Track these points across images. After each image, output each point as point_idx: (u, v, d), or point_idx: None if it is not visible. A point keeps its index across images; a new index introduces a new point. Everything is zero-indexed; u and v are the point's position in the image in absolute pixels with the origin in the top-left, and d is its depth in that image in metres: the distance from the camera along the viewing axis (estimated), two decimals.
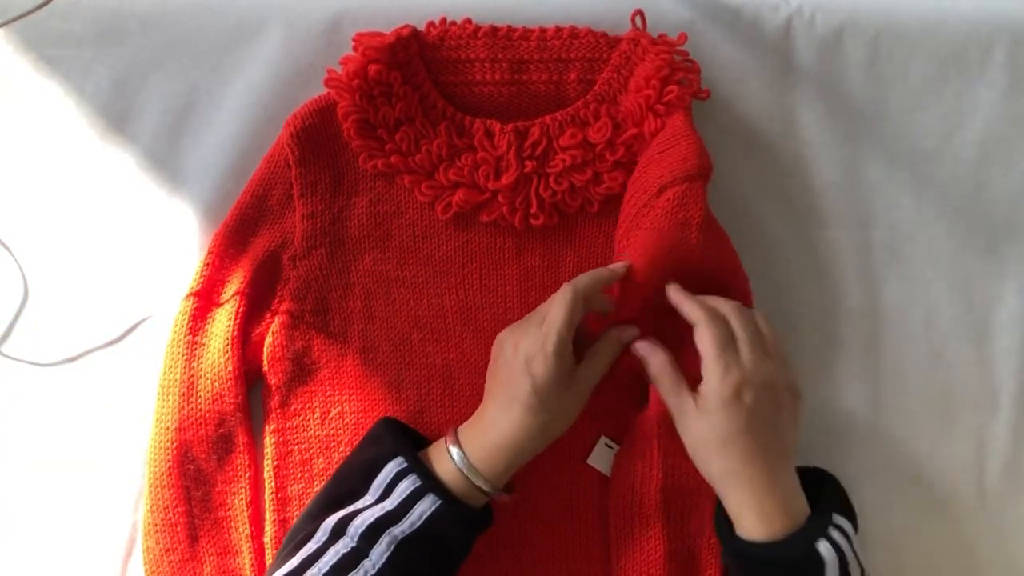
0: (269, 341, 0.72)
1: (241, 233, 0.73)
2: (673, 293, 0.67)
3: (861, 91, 0.76)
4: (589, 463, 0.72)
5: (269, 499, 0.72)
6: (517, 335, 0.65)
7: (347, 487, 0.65)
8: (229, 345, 0.71)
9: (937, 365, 0.77)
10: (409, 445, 0.65)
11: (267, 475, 0.72)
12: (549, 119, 0.72)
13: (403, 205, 0.73)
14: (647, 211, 0.68)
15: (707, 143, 0.69)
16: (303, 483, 0.72)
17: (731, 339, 0.64)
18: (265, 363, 0.72)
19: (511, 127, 0.71)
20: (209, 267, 0.72)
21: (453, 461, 0.64)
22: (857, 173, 0.77)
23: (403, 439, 0.66)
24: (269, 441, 0.72)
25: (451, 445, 0.65)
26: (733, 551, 0.65)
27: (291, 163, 0.71)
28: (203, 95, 0.74)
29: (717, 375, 0.63)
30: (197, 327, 0.72)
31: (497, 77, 0.72)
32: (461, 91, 0.72)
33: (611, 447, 0.72)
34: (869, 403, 0.77)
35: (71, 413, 0.74)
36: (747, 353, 0.64)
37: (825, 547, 0.61)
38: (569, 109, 0.72)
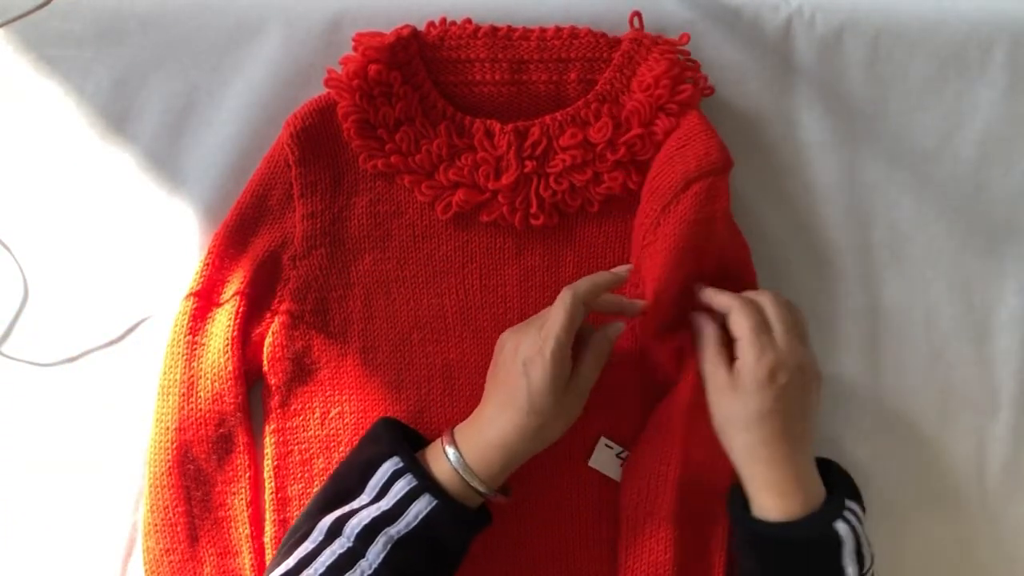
0: (269, 341, 0.72)
1: (241, 233, 0.73)
2: (704, 295, 0.69)
3: (861, 91, 0.76)
4: (591, 465, 0.72)
5: (269, 499, 0.72)
6: (518, 337, 0.66)
7: (345, 486, 0.65)
8: (229, 345, 0.71)
9: (937, 365, 0.77)
10: (405, 445, 0.65)
11: (267, 475, 0.72)
12: (549, 119, 0.72)
13: (403, 205, 0.73)
14: (674, 205, 0.68)
15: None
16: (303, 483, 0.72)
17: (765, 323, 0.66)
18: (265, 363, 0.72)
19: (511, 127, 0.71)
20: (209, 267, 0.72)
21: (449, 461, 0.64)
22: (857, 173, 0.77)
23: (400, 439, 0.66)
24: (269, 441, 0.72)
25: (447, 445, 0.65)
26: (749, 531, 0.65)
27: (291, 163, 0.71)
28: (203, 95, 0.74)
29: (754, 355, 0.64)
30: (197, 327, 0.72)
31: (497, 77, 0.72)
32: (461, 91, 0.72)
33: (611, 448, 0.72)
34: (869, 403, 0.77)
35: (71, 413, 0.74)
36: (781, 336, 0.65)
37: (842, 526, 0.63)
38: (569, 109, 0.72)
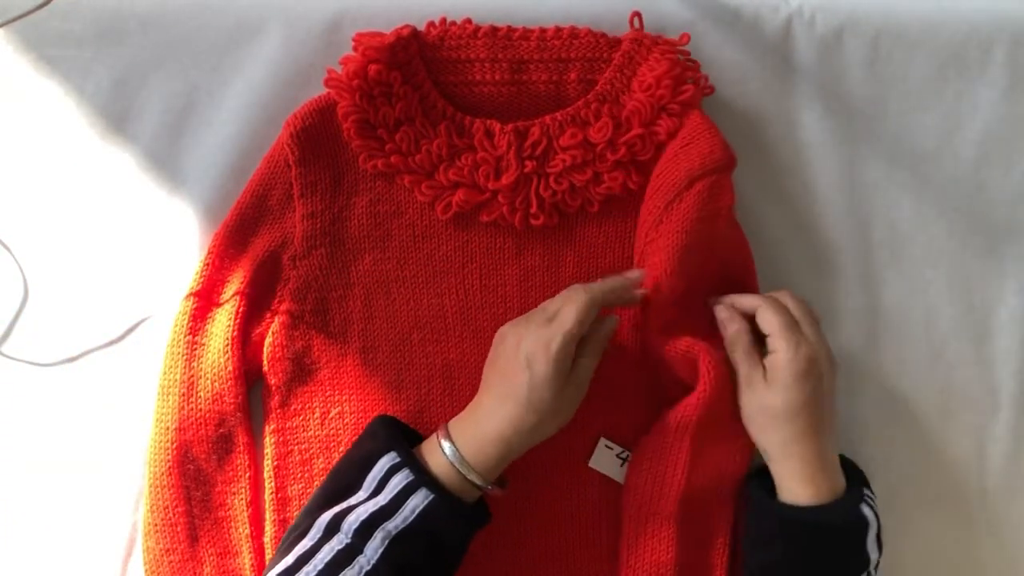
0: (269, 341, 0.72)
1: (241, 233, 0.72)
2: (726, 300, 0.70)
3: (861, 91, 0.76)
4: (591, 465, 0.72)
5: (269, 499, 0.72)
6: (520, 330, 0.66)
7: (342, 483, 0.65)
8: (229, 345, 0.71)
9: (937, 365, 0.77)
10: (402, 440, 0.65)
11: (267, 475, 0.72)
12: (549, 119, 0.72)
13: (403, 205, 0.73)
14: (677, 203, 0.68)
15: None
16: (303, 483, 0.72)
17: (794, 319, 0.67)
18: (265, 363, 0.72)
19: (511, 127, 0.71)
20: (209, 267, 0.72)
21: (445, 455, 0.64)
22: (857, 173, 0.77)
23: (397, 434, 0.66)
24: (269, 441, 0.72)
25: (443, 440, 0.65)
26: (778, 517, 0.66)
27: (291, 163, 0.71)
28: (203, 95, 0.74)
29: (791, 349, 0.65)
30: (197, 327, 0.72)
31: (497, 77, 0.72)
32: (461, 91, 0.72)
33: (611, 448, 0.72)
34: (869, 403, 0.77)
35: (71, 413, 0.74)
36: (809, 329, 0.67)
37: (867, 510, 0.65)
38: (569, 109, 0.72)
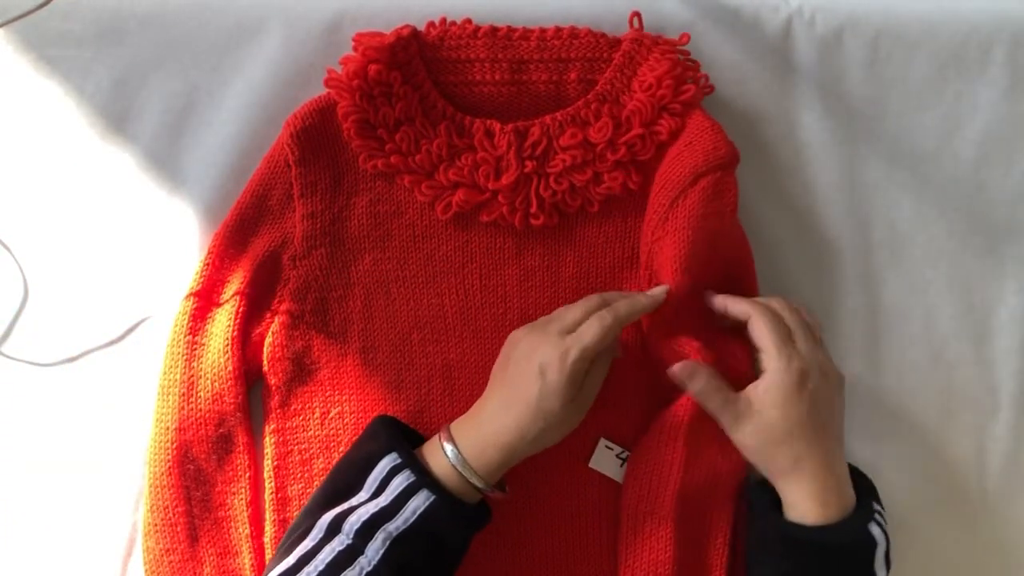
0: (269, 341, 0.72)
1: (241, 233, 0.73)
2: (717, 300, 0.69)
3: (861, 91, 0.76)
4: (591, 466, 0.72)
5: (269, 499, 0.72)
6: (535, 337, 0.65)
7: (343, 483, 0.65)
8: (229, 345, 0.71)
9: (937, 365, 0.77)
10: (403, 441, 0.65)
11: (267, 475, 0.72)
12: (549, 119, 0.72)
13: (403, 205, 0.73)
14: (683, 200, 0.68)
15: None
16: (303, 483, 0.72)
17: (786, 330, 0.66)
18: (265, 363, 0.72)
19: (511, 127, 0.71)
20: (209, 267, 0.72)
21: (446, 457, 0.64)
22: (857, 173, 0.77)
23: (398, 435, 0.66)
24: (269, 441, 0.72)
25: (444, 441, 0.65)
26: (783, 535, 0.65)
27: (291, 163, 0.71)
28: (203, 95, 0.74)
29: (782, 366, 0.64)
30: (197, 327, 0.72)
31: (497, 77, 0.72)
32: (461, 91, 0.72)
33: (611, 449, 0.72)
34: (869, 403, 0.77)
35: (71, 413, 0.74)
36: (802, 342, 0.65)
37: (876, 529, 0.63)
38: (569, 109, 0.72)
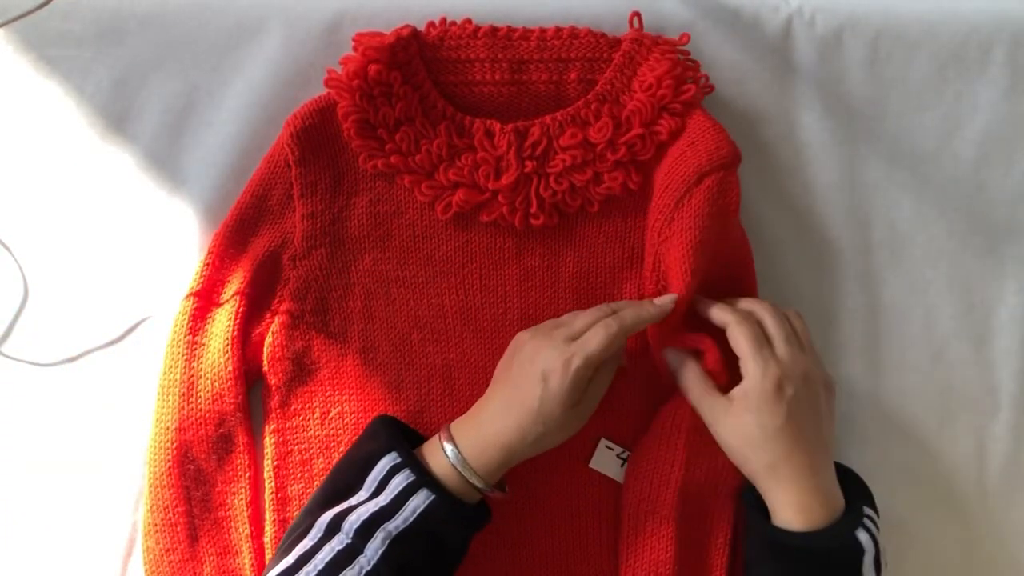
0: (269, 341, 0.72)
1: (241, 233, 0.72)
2: (699, 305, 0.69)
3: (861, 91, 0.76)
4: (591, 466, 0.72)
5: (269, 499, 0.72)
6: (539, 341, 0.65)
7: (343, 483, 0.65)
8: (229, 345, 0.71)
9: (937, 365, 0.77)
10: (403, 441, 0.65)
11: (267, 475, 0.72)
12: (549, 119, 0.72)
13: (403, 205, 0.73)
14: (688, 199, 0.68)
15: None
16: (303, 483, 0.72)
17: (764, 336, 0.65)
18: (265, 363, 0.72)
19: (511, 127, 0.71)
20: (209, 267, 0.72)
21: (446, 456, 0.64)
22: (857, 173, 0.77)
23: (398, 435, 0.66)
24: (269, 441, 0.72)
25: (444, 441, 0.65)
26: (769, 540, 0.65)
27: (291, 163, 0.71)
28: (203, 95, 0.74)
29: (758, 371, 0.64)
30: (197, 327, 0.72)
31: (497, 77, 0.72)
32: (461, 91, 0.72)
33: (611, 449, 0.72)
34: (869, 403, 0.77)
35: (71, 413, 0.74)
36: (782, 347, 0.65)
37: (864, 535, 0.63)
38: (569, 109, 0.72)
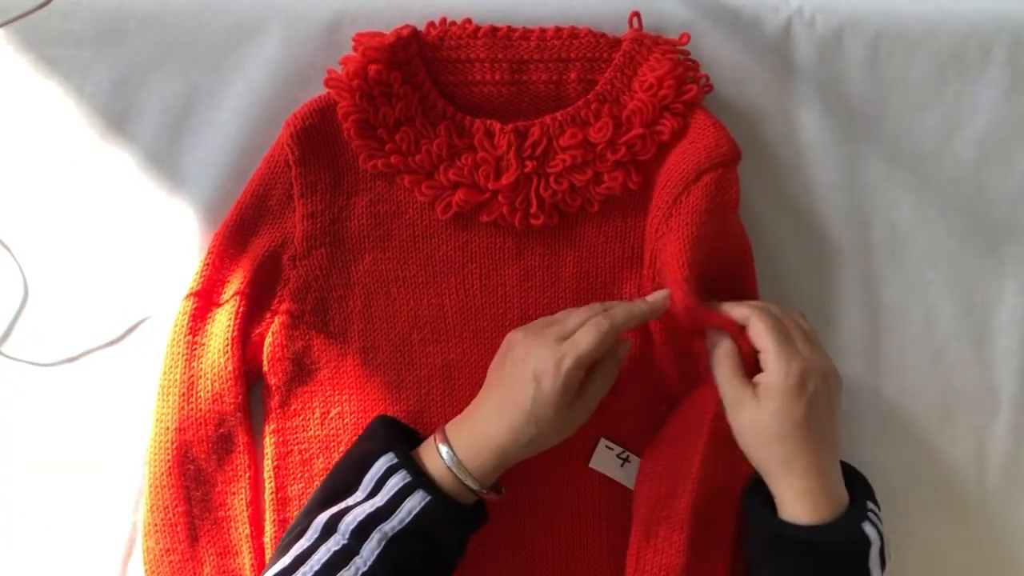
0: (269, 341, 0.72)
1: (241, 233, 0.72)
2: (716, 306, 0.68)
3: (861, 91, 0.76)
4: (591, 466, 0.72)
5: (269, 499, 0.72)
6: (531, 341, 0.65)
7: (340, 483, 0.65)
8: (229, 345, 0.71)
9: (937, 365, 0.77)
10: (401, 441, 0.65)
11: (267, 475, 0.72)
12: (549, 119, 0.72)
13: (403, 205, 0.73)
14: (686, 196, 0.68)
15: None
16: (303, 483, 0.72)
17: (786, 332, 0.65)
18: (265, 363, 0.72)
19: (511, 127, 0.71)
20: (209, 267, 0.72)
21: (441, 458, 0.64)
22: (857, 173, 0.77)
23: (396, 435, 0.66)
24: (269, 441, 0.72)
25: (439, 442, 0.65)
26: (775, 534, 0.65)
27: (291, 163, 0.71)
28: (203, 95, 0.74)
29: (782, 366, 0.63)
30: (197, 327, 0.72)
31: (497, 77, 0.72)
32: (461, 91, 0.72)
33: (611, 448, 0.72)
34: (869, 403, 0.77)
35: (71, 413, 0.74)
36: (802, 343, 0.65)
37: (870, 528, 0.63)
38: (569, 109, 0.72)
